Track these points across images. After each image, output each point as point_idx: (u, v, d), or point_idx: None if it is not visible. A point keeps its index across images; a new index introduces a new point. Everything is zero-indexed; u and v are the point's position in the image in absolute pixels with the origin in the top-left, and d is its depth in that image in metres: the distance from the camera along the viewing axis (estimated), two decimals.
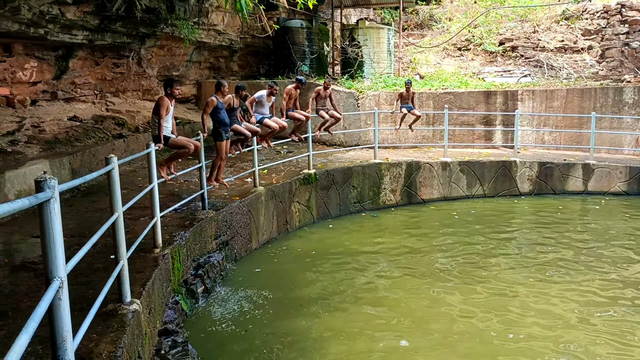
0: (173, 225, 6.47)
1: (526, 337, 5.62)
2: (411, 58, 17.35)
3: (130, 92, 11.98)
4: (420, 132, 13.32)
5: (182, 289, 5.95)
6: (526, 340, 5.58)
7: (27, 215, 6.52)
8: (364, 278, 7.34)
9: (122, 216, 4.00)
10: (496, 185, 11.93)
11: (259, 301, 6.49)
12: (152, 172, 5.38)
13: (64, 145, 8.89)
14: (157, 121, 6.81)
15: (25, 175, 7.18)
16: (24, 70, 8.70)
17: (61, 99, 9.96)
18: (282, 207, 9.23)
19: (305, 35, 14.71)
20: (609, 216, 10.41)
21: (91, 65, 10.22)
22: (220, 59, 15.05)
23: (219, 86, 7.72)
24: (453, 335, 5.71)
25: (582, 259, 7.95)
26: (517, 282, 7.12)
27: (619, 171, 11.83)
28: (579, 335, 5.67)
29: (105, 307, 3.88)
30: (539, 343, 5.50)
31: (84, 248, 2.91)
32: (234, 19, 13.02)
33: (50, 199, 2.28)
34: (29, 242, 5.79)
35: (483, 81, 14.88)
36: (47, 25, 7.82)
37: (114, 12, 8.56)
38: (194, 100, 14.69)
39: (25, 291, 4.41)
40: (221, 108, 7.63)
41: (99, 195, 7.78)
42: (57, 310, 2.33)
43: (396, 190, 11.36)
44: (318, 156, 11.41)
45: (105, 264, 4.92)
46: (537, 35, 16.82)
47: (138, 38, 10.47)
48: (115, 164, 3.86)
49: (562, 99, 13.21)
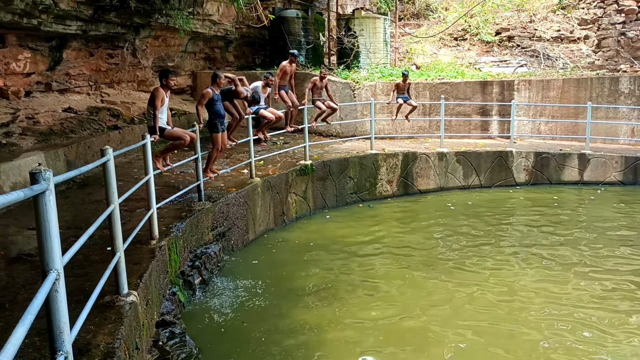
0: (169, 216, 6.46)
1: (528, 325, 5.67)
2: (407, 48, 17.29)
3: (125, 83, 11.90)
4: (416, 122, 13.31)
5: (179, 280, 5.95)
6: (529, 328, 5.62)
7: (22, 207, 6.49)
8: (362, 268, 7.36)
9: (118, 208, 3.99)
10: (492, 176, 11.96)
11: (256, 292, 6.51)
12: (148, 163, 5.36)
13: (58, 136, 8.84)
14: (152, 112, 6.77)
15: (20, 167, 7.14)
16: (18, 61, 8.62)
17: (55, 90, 9.88)
18: (279, 198, 9.23)
19: (301, 25, 14.63)
20: (604, 206, 10.46)
21: (85, 56, 10.13)
22: (216, 49, 14.95)
23: (215, 77, 7.69)
24: (451, 322, 5.74)
25: (579, 248, 8.00)
26: (515, 272, 7.16)
27: (615, 161, 11.87)
28: (579, 317, 5.72)
29: (103, 299, 3.88)
30: (539, 333, 5.55)
31: (80, 240, 2.91)
32: (229, 9, 12.92)
33: (46, 191, 2.26)
34: (25, 235, 5.77)
35: (479, 71, 14.85)
36: (40, 15, 7.73)
37: (107, 2, 8.48)
38: (190, 91, 14.61)
39: (22, 283, 4.40)
40: (217, 100, 7.60)
41: (94, 187, 7.75)
42: (54, 303, 2.32)
43: (393, 181, 11.37)
44: (314, 147, 11.40)
45: (102, 255, 4.92)
46: (533, 24, 16.78)
47: (132, 28, 10.38)
48: (111, 155, 3.84)
49: (558, 89, 13.21)
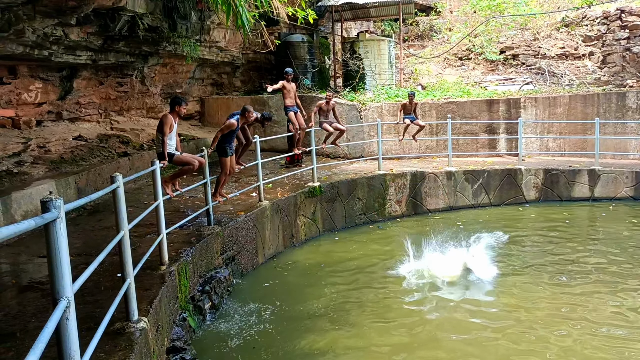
0: (179, 241, 6.47)
1: (542, 342, 5.56)
2: (412, 69, 17.42)
3: (134, 111, 12.07)
4: (423, 142, 13.31)
5: (190, 305, 5.93)
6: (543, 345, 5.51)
7: (33, 235, 6.54)
8: (373, 290, 7.28)
9: (128, 234, 4.01)
10: (502, 194, 11.89)
11: (266, 316, 6.45)
12: (157, 189, 5.40)
13: (69, 164, 8.94)
14: (161, 139, 6.84)
15: (31, 195, 7.21)
16: (29, 91, 8.80)
17: (66, 119, 10.04)
18: (288, 220, 9.22)
19: (307, 49, 14.81)
20: (618, 222, 10.33)
21: (95, 85, 10.32)
22: (223, 75, 15.16)
23: (244, 111, 7.97)
24: (467, 347, 5.65)
25: (594, 265, 7.88)
26: (530, 290, 7.05)
27: (625, 176, 11.76)
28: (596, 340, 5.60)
29: (113, 326, 3.87)
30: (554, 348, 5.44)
31: (91, 267, 2.91)
32: (235, 35, 13.14)
33: (56, 219, 2.28)
34: (36, 262, 5.80)
35: (485, 90, 14.90)
36: (51, 46, 7.92)
37: (117, 32, 8.67)
38: (198, 116, 14.77)
39: (32, 312, 4.41)
40: (236, 130, 7.78)
41: (104, 214, 7.80)
42: (65, 331, 2.32)
43: (401, 201, 11.33)
44: (322, 169, 11.43)
45: (112, 282, 4.92)
46: (537, 42, 16.87)
47: (141, 57, 10.57)
48: (121, 182, 3.88)
49: (565, 106, 13.20)
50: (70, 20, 7.52)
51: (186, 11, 10.09)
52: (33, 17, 6.87)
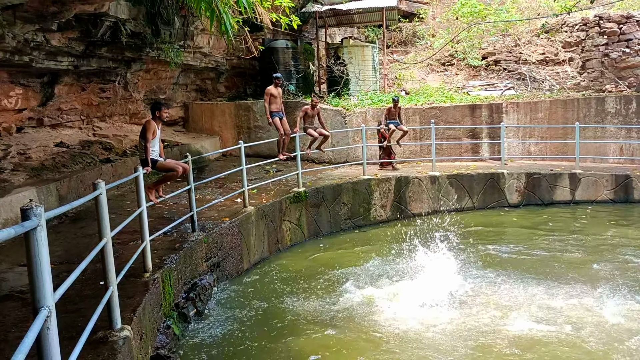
0: (163, 248, 6.41)
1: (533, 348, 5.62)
2: (396, 74, 17.55)
3: (117, 117, 11.96)
4: (407, 147, 13.41)
5: (174, 312, 5.88)
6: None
7: (14, 243, 6.43)
8: (358, 295, 7.29)
9: (110, 241, 3.97)
10: (485, 198, 12.01)
11: (252, 322, 6.42)
12: (141, 195, 5.36)
13: (50, 171, 8.82)
14: (144, 145, 6.80)
15: (11, 203, 7.10)
16: (9, 97, 8.66)
17: (47, 126, 9.91)
18: (273, 226, 9.20)
19: (291, 55, 14.85)
20: (598, 224, 10.51)
21: (77, 91, 10.20)
22: (207, 80, 15.12)
23: None
24: (448, 352, 5.68)
25: (577, 267, 8.00)
26: (515, 294, 7.13)
27: (605, 179, 11.98)
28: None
29: (95, 335, 3.83)
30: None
31: (73, 275, 2.88)
32: (219, 41, 13.11)
33: (37, 227, 2.26)
34: (16, 271, 5.70)
35: (468, 95, 15.07)
36: (32, 52, 7.82)
37: (99, 37, 8.60)
38: (182, 122, 14.69)
39: (12, 321, 4.33)
40: None
41: (87, 221, 7.70)
42: (46, 340, 2.29)
43: (386, 206, 11.39)
44: (307, 174, 11.43)
45: (95, 290, 4.86)
46: (518, 48, 17.12)
47: (124, 62, 10.49)
48: (103, 189, 3.84)
49: (545, 111, 13.41)
50: (52, 25, 7.44)
51: (169, 17, 10.05)
52: (13, 22, 6.79)
